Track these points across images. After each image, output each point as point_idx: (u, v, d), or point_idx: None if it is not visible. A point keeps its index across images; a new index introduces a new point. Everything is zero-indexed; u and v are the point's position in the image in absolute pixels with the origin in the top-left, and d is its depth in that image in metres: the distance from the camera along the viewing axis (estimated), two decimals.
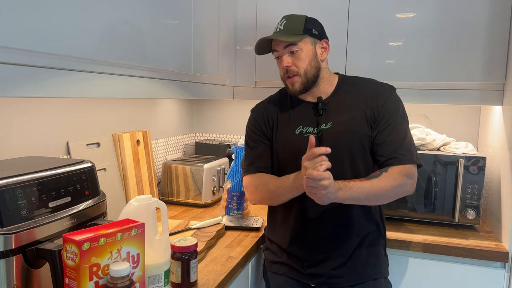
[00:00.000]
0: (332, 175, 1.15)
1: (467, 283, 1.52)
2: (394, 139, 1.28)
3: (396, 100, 1.33)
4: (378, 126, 1.30)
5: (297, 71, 1.32)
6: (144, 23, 1.24)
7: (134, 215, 0.94)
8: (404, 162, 1.26)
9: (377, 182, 1.22)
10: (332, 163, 1.29)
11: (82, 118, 1.53)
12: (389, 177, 1.23)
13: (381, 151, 1.29)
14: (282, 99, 1.43)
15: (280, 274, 1.38)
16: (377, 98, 1.31)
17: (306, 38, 1.31)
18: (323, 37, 1.35)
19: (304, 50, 1.31)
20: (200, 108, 2.45)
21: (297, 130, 1.35)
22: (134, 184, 1.73)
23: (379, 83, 1.38)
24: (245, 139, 1.46)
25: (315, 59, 1.33)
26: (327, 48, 1.36)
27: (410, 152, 1.28)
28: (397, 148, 1.27)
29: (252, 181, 1.38)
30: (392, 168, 1.25)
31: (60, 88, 0.95)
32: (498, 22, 1.60)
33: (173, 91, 1.46)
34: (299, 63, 1.31)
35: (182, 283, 1.08)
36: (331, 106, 1.34)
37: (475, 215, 1.63)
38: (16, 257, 0.83)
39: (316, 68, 1.33)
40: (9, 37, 0.81)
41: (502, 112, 1.64)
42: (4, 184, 0.84)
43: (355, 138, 1.30)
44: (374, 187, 1.21)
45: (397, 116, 1.31)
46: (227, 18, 1.87)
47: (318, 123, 1.32)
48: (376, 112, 1.30)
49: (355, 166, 1.30)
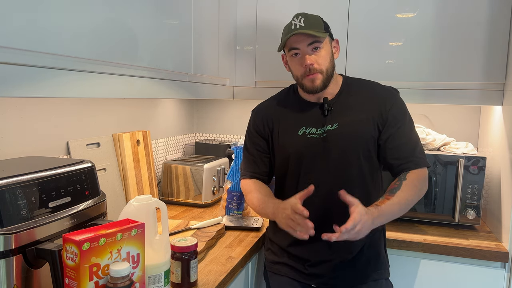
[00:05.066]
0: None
1: (467, 283, 1.52)
2: (408, 142, 1.29)
3: (402, 103, 1.35)
4: (388, 130, 1.30)
5: (320, 69, 1.30)
6: (144, 23, 1.24)
7: (134, 215, 0.94)
8: (421, 165, 1.27)
9: (402, 194, 1.22)
10: (338, 164, 1.29)
11: (82, 118, 1.53)
12: (411, 185, 1.24)
13: (396, 155, 1.29)
14: (285, 99, 1.42)
15: (281, 274, 1.38)
16: (385, 101, 1.32)
17: (327, 37, 1.31)
18: (333, 37, 1.37)
19: (325, 48, 1.30)
20: (200, 108, 2.45)
21: (300, 131, 1.34)
22: (134, 184, 1.73)
23: (384, 86, 1.38)
24: (245, 139, 1.47)
25: (332, 58, 1.34)
26: (338, 48, 1.37)
27: (424, 155, 1.30)
28: (413, 151, 1.28)
29: (244, 186, 1.43)
30: (410, 174, 1.26)
31: (60, 88, 0.95)
32: (498, 22, 1.60)
33: (173, 91, 1.46)
34: (322, 61, 1.30)
35: (182, 283, 1.08)
36: (337, 107, 1.34)
37: (475, 215, 1.63)
38: (16, 257, 0.83)
39: (333, 66, 1.34)
40: (8, 37, 0.81)
41: (502, 112, 1.64)
42: (4, 184, 0.84)
43: (361, 140, 1.29)
44: (402, 201, 1.22)
45: (405, 118, 1.32)
46: (227, 18, 1.87)
47: (324, 124, 1.32)
48: (384, 115, 1.30)
49: (361, 168, 1.30)
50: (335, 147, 1.29)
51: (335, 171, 1.30)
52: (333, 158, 1.29)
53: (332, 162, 1.30)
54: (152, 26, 1.27)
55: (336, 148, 1.29)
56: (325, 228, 1.31)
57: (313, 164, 1.31)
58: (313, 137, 1.32)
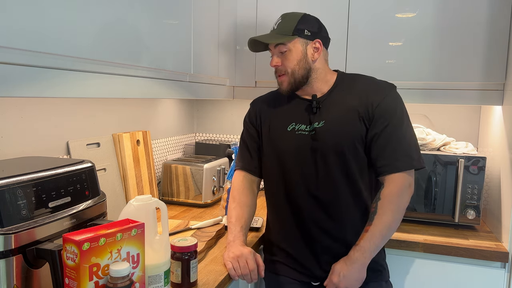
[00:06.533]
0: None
1: (467, 283, 1.52)
2: (392, 143, 1.25)
3: (394, 99, 1.29)
4: (374, 128, 1.27)
5: (285, 71, 1.32)
6: (144, 23, 1.24)
7: (134, 215, 0.94)
8: (402, 169, 1.24)
9: (380, 220, 1.23)
10: (325, 162, 1.29)
11: (82, 118, 1.53)
12: (387, 205, 1.23)
13: (378, 155, 1.27)
14: (280, 95, 1.42)
15: (280, 274, 1.38)
16: (373, 96, 1.28)
17: (296, 39, 1.30)
18: (316, 37, 1.31)
19: (293, 50, 1.30)
20: (200, 108, 2.45)
21: (290, 127, 1.35)
22: (134, 184, 1.73)
23: (378, 81, 1.35)
24: (242, 130, 1.50)
25: (305, 60, 1.31)
26: (319, 48, 1.32)
27: (408, 157, 1.25)
28: (395, 152, 1.25)
29: (234, 182, 1.45)
30: (384, 190, 1.25)
31: (60, 88, 0.95)
32: (498, 22, 1.60)
33: (173, 91, 1.46)
34: (287, 63, 1.31)
35: (182, 283, 1.08)
36: (326, 105, 1.33)
37: (475, 215, 1.63)
38: (16, 257, 0.83)
39: (305, 69, 1.32)
40: (9, 37, 0.81)
41: (502, 112, 1.64)
42: (4, 184, 0.84)
43: (347, 136, 1.28)
44: (382, 227, 1.22)
45: (394, 116, 1.27)
46: (227, 18, 1.87)
47: (312, 121, 1.32)
48: (371, 111, 1.27)
49: (347, 165, 1.28)
50: (322, 145, 1.29)
51: (322, 168, 1.30)
52: (320, 155, 1.30)
53: (319, 159, 1.30)
54: (152, 26, 1.27)
55: (323, 145, 1.29)
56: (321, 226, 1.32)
57: (300, 160, 1.32)
58: (302, 134, 1.32)
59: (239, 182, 1.43)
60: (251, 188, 1.43)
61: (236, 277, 1.19)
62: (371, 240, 1.22)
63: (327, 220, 1.31)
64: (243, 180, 1.43)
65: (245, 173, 1.44)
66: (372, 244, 1.22)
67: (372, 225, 1.23)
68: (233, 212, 1.36)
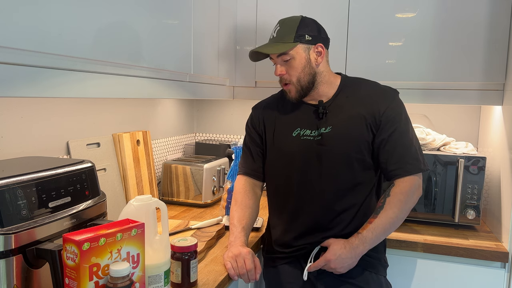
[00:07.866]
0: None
1: (467, 283, 1.52)
2: (401, 148, 1.27)
3: (398, 105, 1.32)
4: (381, 133, 1.28)
5: (290, 80, 1.31)
6: (144, 23, 1.24)
7: (134, 215, 0.94)
8: (412, 172, 1.26)
9: (385, 214, 1.24)
10: (330, 167, 1.30)
11: (82, 118, 1.53)
12: (395, 202, 1.24)
13: (387, 160, 1.28)
14: (283, 99, 1.42)
15: (280, 273, 1.38)
16: (379, 103, 1.29)
17: (298, 46, 1.28)
18: (317, 41, 1.30)
19: (296, 58, 1.29)
20: (200, 108, 2.45)
21: (295, 132, 1.35)
22: (134, 184, 1.73)
23: (382, 86, 1.36)
24: (245, 135, 1.49)
25: (309, 65, 1.30)
26: (322, 52, 1.31)
27: (417, 160, 1.28)
28: (404, 156, 1.27)
29: (236, 185, 1.45)
30: (395, 188, 1.26)
31: (60, 88, 0.95)
32: (498, 22, 1.60)
33: (173, 91, 1.46)
34: (292, 72, 1.30)
35: (182, 283, 1.08)
36: (332, 110, 1.33)
37: (475, 215, 1.63)
38: (16, 257, 0.83)
39: (310, 74, 1.31)
40: (8, 37, 0.81)
41: (502, 112, 1.64)
42: (4, 184, 0.84)
43: (354, 143, 1.29)
44: (386, 221, 1.23)
45: (400, 122, 1.29)
46: (227, 18, 1.87)
47: (318, 126, 1.32)
48: (377, 117, 1.28)
49: (353, 170, 1.30)
50: (329, 150, 1.30)
51: (327, 173, 1.30)
52: (326, 160, 1.30)
53: (324, 164, 1.30)
54: (152, 26, 1.27)
55: (330, 151, 1.30)
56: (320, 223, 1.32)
57: (306, 165, 1.32)
58: (307, 139, 1.32)
59: (241, 185, 1.43)
60: (253, 191, 1.43)
61: (235, 277, 1.19)
62: (373, 232, 1.23)
63: (331, 224, 1.31)
64: (245, 183, 1.43)
65: (248, 177, 1.44)
66: (374, 236, 1.23)
67: (377, 218, 1.24)
68: (235, 213, 1.37)
